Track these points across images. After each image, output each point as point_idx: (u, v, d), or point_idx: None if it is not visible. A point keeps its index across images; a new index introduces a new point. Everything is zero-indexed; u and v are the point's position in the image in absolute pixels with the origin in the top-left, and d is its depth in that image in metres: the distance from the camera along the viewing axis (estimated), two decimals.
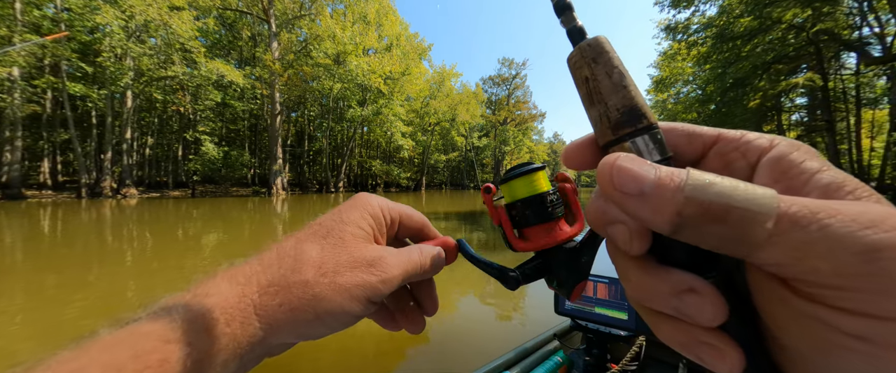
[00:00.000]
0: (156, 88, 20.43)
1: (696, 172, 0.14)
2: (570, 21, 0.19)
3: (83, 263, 4.31)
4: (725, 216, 0.12)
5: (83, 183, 17.94)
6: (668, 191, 0.13)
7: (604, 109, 0.18)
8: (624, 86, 0.18)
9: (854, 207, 0.11)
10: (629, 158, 0.15)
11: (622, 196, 0.15)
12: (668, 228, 0.14)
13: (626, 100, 0.17)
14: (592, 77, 0.18)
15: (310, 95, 27.84)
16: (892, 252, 0.10)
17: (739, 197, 0.12)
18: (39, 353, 0.16)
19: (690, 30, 20.78)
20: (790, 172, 0.15)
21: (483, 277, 4.11)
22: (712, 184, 0.13)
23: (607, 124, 0.18)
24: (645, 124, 0.17)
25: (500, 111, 55.85)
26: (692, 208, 0.13)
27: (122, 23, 16.65)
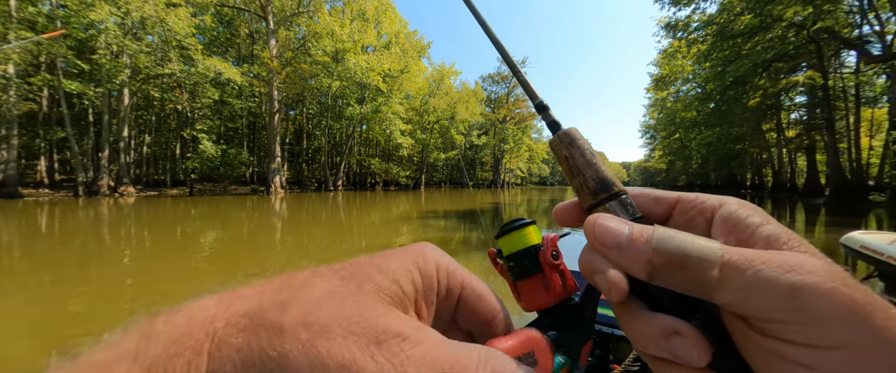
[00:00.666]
0: (153, 86, 20.29)
1: (660, 228, 0.18)
2: (549, 117, 0.25)
3: (80, 263, 4.27)
4: (684, 264, 0.16)
5: (80, 181, 17.84)
6: (639, 244, 0.18)
7: (582, 180, 0.23)
8: (594, 163, 0.23)
9: (781, 255, 0.15)
10: (608, 217, 0.20)
11: (605, 248, 0.19)
12: (645, 274, 0.18)
13: (598, 173, 0.22)
14: (570, 156, 0.23)
15: (308, 93, 27.70)
16: (809, 290, 0.14)
17: (692, 249, 0.17)
18: (36, 352, 0.14)
19: (691, 28, 20.71)
20: (738, 227, 0.18)
21: (484, 273, 4.08)
22: (673, 238, 0.17)
23: (587, 191, 0.22)
24: (616, 191, 0.22)
25: (500, 109, 55.75)
26: (659, 258, 0.17)
27: (118, 19, 16.50)
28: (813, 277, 0.14)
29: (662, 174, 66.82)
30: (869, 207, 14.28)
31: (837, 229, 7.78)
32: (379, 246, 5.65)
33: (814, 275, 0.14)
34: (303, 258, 4.78)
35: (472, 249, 5.55)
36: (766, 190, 33.00)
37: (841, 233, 7.30)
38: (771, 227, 0.18)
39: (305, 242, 6.13)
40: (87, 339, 0.14)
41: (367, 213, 11.48)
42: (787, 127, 27.52)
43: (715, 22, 19.01)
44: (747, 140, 27.81)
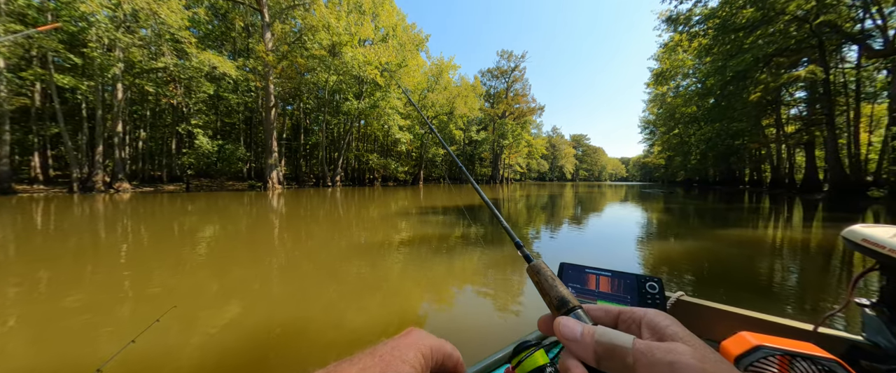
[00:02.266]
0: (147, 81, 19.98)
1: (601, 327, 0.28)
2: (524, 252, 0.38)
3: (76, 259, 4.17)
4: (613, 352, 0.25)
5: (75, 177, 17.65)
6: (587, 337, 0.27)
7: (549, 299, 0.33)
8: (555, 286, 0.33)
9: (667, 344, 0.24)
10: (567, 319, 0.30)
11: (567, 341, 0.28)
12: (593, 361, 0.26)
13: (559, 294, 0.33)
14: (539, 282, 0.35)
15: (305, 88, 27.38)
16: (679, 365, 0.22)
17: (617, 340, 0.25)
18: (32, 351, 0.15)
19: (692, 21, 20.47)
20: (656, 329, 0.27)
21: (482, 270, 4.04)
22: (606, 333, 0.26)
23: (553, 305, 0.33)
24: (571, 306, 0.31)
25: (499, 104, 55.42)
26: (600, 348, 0.26)
27: (109, 12, 16.15)
28: (683, 356, 0.23)
29: (661, 170, 66.86)
30: (867, 203, 14.29)
31: (835, 224, 7.76)
32: (378, 243, 5.56)
33: (683, 355, 0.23)
34: (301, 256, 4.69)
35: (470, 245, 5.48)
36: (765, 186, 33.04)
37: (839, 228, 7.28)
38: (675, 328, 0.26)
39: (303, 237, 6.04)
40: (84, 337, 0.15)
41: (366, 208, 11.39)
42: (787, 122, 27.44)
43: (717, 15, 18.79)
44: (747, 136, 27.75)
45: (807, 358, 0.82)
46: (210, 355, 2.12)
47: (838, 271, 4.09)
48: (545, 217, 9.79)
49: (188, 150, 22.61)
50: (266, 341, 2.33)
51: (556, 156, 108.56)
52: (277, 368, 2.00)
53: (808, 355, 0.82)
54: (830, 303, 2.96)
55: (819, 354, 0.82)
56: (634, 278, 1.24)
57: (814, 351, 0.84)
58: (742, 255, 4.78)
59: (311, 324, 2.60)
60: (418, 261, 4.40)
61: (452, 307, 3.02)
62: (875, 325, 1.19)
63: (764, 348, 0.86)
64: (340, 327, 2.54)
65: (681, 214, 10.66)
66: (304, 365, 2.03)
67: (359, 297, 3.19)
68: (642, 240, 6.23)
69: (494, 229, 7.16)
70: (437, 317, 2.81)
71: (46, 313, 2.71)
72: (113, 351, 1.39)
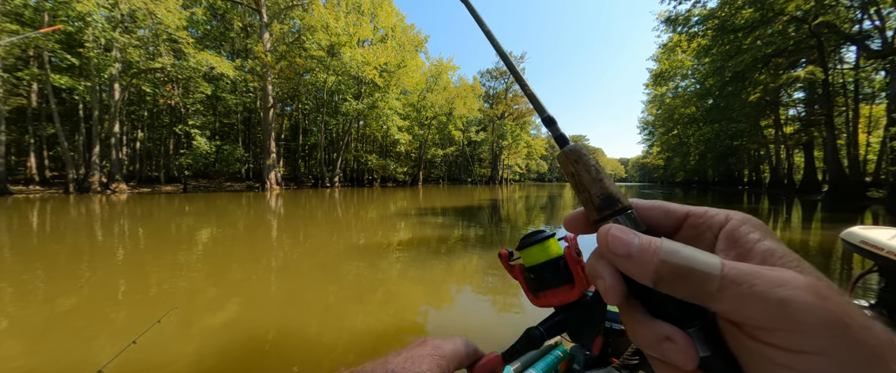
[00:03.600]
0: (144, 81, 19.89)
1: (667, 241, 0.20)
2: (556, 131, 0.26)
3: (74, 261, 4.11)
4: (687, 276, 0.18)
5: (71, 178, 17.54)
6: (647, 254, 0.20)
7: (588, 196, 0.24)
8: (600, 179, 0.24)
9: (773, 271, 0.17)
10: (619, 228, 0.21)
11: (615, 257, 0.21)
12: (651, 281, 0.20)
13: (604, 189, 0.23)
14: (576, 172, 0.24)
15: (304, 88, 27.33)
16: (795, 303, 0.16)
17: (696, 262, 0.18)
18: (33, 352, 0.14)
19: (691, 22, 20.51)
20: (740, 242, 0.20)
21: (482, 270, 3.99)
22: (679, 251, 0.19)
23: (593, 207, 0.24)
24: (621, 207, 0.23)
25: (498, 105, 55.46)
26: (665, 269, 0.19)
27: (105, 12, 16.07)
28: (798, 292, 0.16)
29: (660, 170, 66.98)
30: (867, 204, 14.30)
31: (834, 225, 7.74)
32: (377, 244, 5.51)
33: (799, 290, 0.16)
34: (300, 258, 4.64)
35: (470, 247, 5.43)
36: (764, 186, 33.09)
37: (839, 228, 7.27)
38: (768, 243, 0.20)
39: (302, 238, 5.98)
40: (85, 338, 0.15)
41: (365, 209, 11.33)
42: (785, 123, 27.51)
43: (716, 16, 18.84)
44: (746, 136, 27.80)
45: None
46: (210, 356, 2.11)
47: (837, 273, 4.06)
48: (545, 217, 9.75)
49: (186, 150, 22.53)
50: (265, 341, 2.31)
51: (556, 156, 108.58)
52: (277, 368, 1.99)
53: None
54: None
55: None
56: None
57: None
58: None
59: (311, 325, 2.56)
60: (418, 262, 4.35)
61: (452, 307, 2.98)
62: None
63: None
64: (340, 328, 2.50)
65: None
66: (304, 366, 2.01)
67: (358, 297, 3.15)
68: None
69: (494, 230, 7.12)
70: (436, 317, 2.77)
71: (46, 315, 2.68)
72: (114, 352, 1.37)
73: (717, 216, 0.22)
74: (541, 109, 0.27)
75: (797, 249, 2.66)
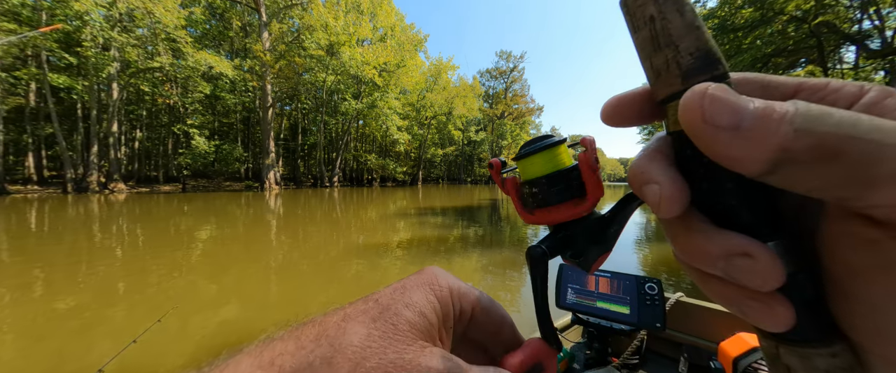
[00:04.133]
0: (143, 80, 19.84)
1: (804, 103, 0.12)
2: None
3: (73, 261, 4.08)
4: (844, 150, 0.11)
5: (69, 178, 17.49)
6: (772, 122, 0.12)
7: (674, 54, 0.15)
8: (697, 26, 0.15)
9: None
10: (723, 88, 0.13)
11: (713, 130, 0.12)
12: (762, 167, 0.12)
13: (701, 42, 0.14)
14: (660, 15, 0.15)
15: (303, 88, 27.29)
16: None
17: (865, 128, 0.11)
18: (34, 351, 0.14)
19: None
20: (889, 118, 0.12)
21: (482, 269, 3.97)
22: (830, 114, 0.11)
23: (677, 71, 0.15)
24: (721, 71, 0.14)
25: (498, 105, 55.46)
26: (803, 142, 0.11)
27: (103, 11, 16.02)
28: None
29: None
30: None
31: None
32: (376, 243, 5.49)
33: None
34: (299, 258, 4.62)
35: (469, 246, 5.41)
36: None
37: None
38: None
39: (301, 238, 5.95)
40: (85, 338, 0.14)
41: (364, 209, 11.31)
42: None
43: (716, 15, 18.85)
44: None
45: None
46: (209, 355, 2.09)
47: None
48: None
49: (185, 150, 22.48)
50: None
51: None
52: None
53: None
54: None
55: None
56: (634, 280, 1.20)
57: None
58: None
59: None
60: (417, 261, 4.33)
61: None
62: None
63: None
64: None
65: None
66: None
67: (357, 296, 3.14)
68: (641, 241, 6.18)
69: (493, 230, 7.10)
70: None
71: (46, 314, 2.67)
72: (113, 351, 1.37)
73: (846, 87, 0.14)
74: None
75: None
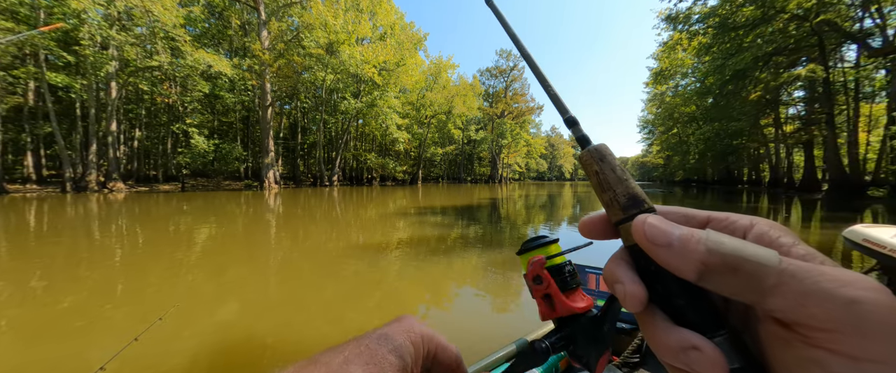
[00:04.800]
0: (141, 79, 19.77)
1: (713, 231, 0.18)
2: (579, 132, 0.25)
3: (70, 260, 4.05)
4: (740, 268, 0.16)
5: (68, 177, 17.44)
6: (692, 243, 0.18)
7: (613, 195, 0.23)
8: (625, 179, 0.23)
9: (837, 271, 0.15)
10: (658, 217, 0.20)
11: (654, 247, 0.19)
12: (694, 275, 0.17)
13: (629, 189, 0.23)
14: (600, 170, 0.23)
15: (303, 87, 27.22)
16: (866, 304, 0.14)
17: (750, 253, 0.16)
18: (36, 349, 0.15)
19: (692, 20, 20.42)
20: (772, 246, 0.18)
21: (480, 270, 3.94)
22: (724, 242, 0.17)
23: (618, 206, 0.22)
24: (646, 207, 0.22)
25: (498, 104, 55.35)
26: (714, 259, 0.17)
27: (101, 9, 15.95)
28: (870, 293, 0.14)
29: (660, 169, 67.02)
30: (867, 203, 14.27)
31: (834, 224, 7.70)
32: (376, 243, 5.45)
33: (870, 291, 0.14)
34: (299, 256, 4.58)
35: (469, 246, 5.38)
36: (763, 185, 33.10)
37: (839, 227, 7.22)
38: (803, 247, 0.18)
39: (300, 237, 5.92)
40: (87, 336, 0.14)
41: (364, 208, 11.27)
42: (785, 122, 27.47)
43: (717, 14, 18.76)
44: (745, 135, 27.76)
45: None
46: (210, 353, 2.11)
47: None
48: (544, 216, 9.70)
49: (184, 149, 22.43)
50: (264, 339, 2.30)
51: (555, 155, 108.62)
52: (276, 364, 1.97)
53: None
54: None
55: None
56: None
57: None
58: None
59: (309, 324, 2.54)
60: (417, 261, 4.30)
61: (451, 307, 2.95)
62: None
63: None
64: (338, 327, 2.48)
65: None
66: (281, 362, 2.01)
67: (357, 296, 3.12)
68: None
69: (493, 231, 7.06)
70: (436, 316, 2.75)
71: (48, 313, 2.67)
72: (114, 349, 1.35)
73: (741, 221, 0.21)
74: (563, 110, 0.27)
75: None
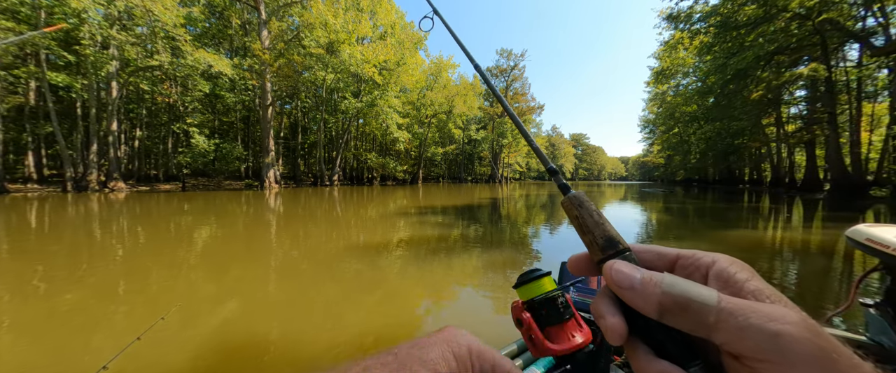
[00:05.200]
0: (142, 78, 19.77)
1: (668, 275, 0.22)
2: (559, 180, 0.29)
3: (71, 259, 4.04)
4: (688, 307, 0.20)
5: (68, 177, 17.46)
6: (650, 286, 0.22)
7: (592, 237, 0.26)
8: (602, 223, 0.26)
9: (766, 306, 0.19)
10: (623, 263, 0.24)
11: (620, 290, 0.23)
12: (655, 313, 0.21)
13: (606, 232, 0.26)
14: (580, 216, 0.27)
15: (303, 86, 27.21)
16: (786, 337, 0.17)
17: (694, 294, 0.20)
18: (38, 348, 0.14)
19: (693, 19, 20.33)
20: (729, 282, 0.22)
21: (482, 268, 3.92)
22: (678, 283, 0.21)
23: (597, 247, 0.26)
24: (621, 248, 0.25)
25: (498, 103, 55.16)
26: (668, 300, 0.21)
27: (101, 9, 15.95)
28: (791, 326, 0.17)
29: (661, 169, 66.89)
30: (870, 202, 14.21)
31: (837, 224, 7.67)
32: (376, 243, 5.44)
33: (791, 324, 0.17)
34: (300, 256, 4.57)
35: (469, 245, 5.36)
36: (765, 185, 32.99)
37: (841, 227, 7.19)
38: (756, 282, 0.21)
39: (301, 237, 5.91)
40: (89, 335, 0.14)
41: (364, 208, 11.26)
42: (787, 121, 27.37)
43: (718, 13, 18.67)
44: (747, 135, 27.68)
45: None
46: (212, 352, 2.11)
47: (841, 271, 3.99)
48: (545, 216, 9.68)
49: (184, 149, 22.44)
50: (267, 337, 2.30)
51: (556, 155, 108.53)
52: (278, 365, 1.99)
53: None
54: (833, 303, 2.87)
55: None
56: None
57: None
58: (742, 253, 4.67)
59: (310, 323, 2.54)
60: (417, 260, 4.28)
61: (452, 306, 2.93)
62: (879, 325, 1.18)
63: None
64: (339, 326, 2.47)
65: (681, 214, 10.56)
66: (304, 363, 2.01)
67: (357, 296, 3.10)
68: (643, 240, 6.13)
69: (493, 231, 7.05)
70: (436, 315, 2.72)
71: (49, 312, 2.67)
72: (116, 349, 1.35)
73: (705, 258, 0.24)
74: (545, 161, 0.30)
75: (798, 248, 2.57)
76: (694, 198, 18.60)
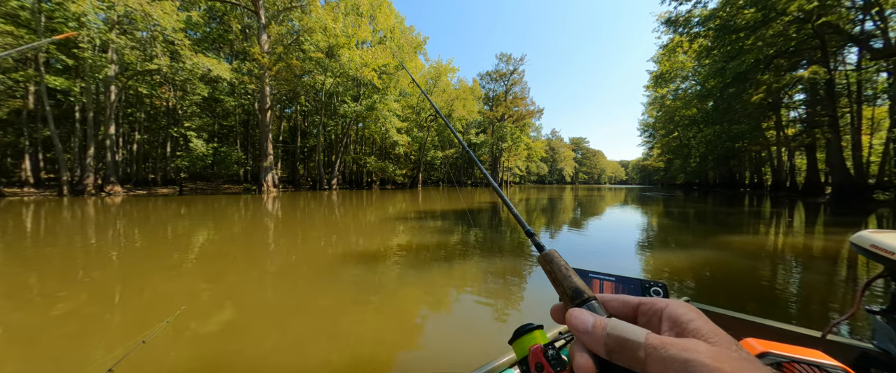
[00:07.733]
0: (140, 82, 19.77)
1: (613, 319, 0.27)
2: (535, 241, 0.36)
3: (68, 264, 3.93)
4: (624, 345, 0.24)
5: (65, 180, 17.37)
6: (598, 330, 0.26)
7: (563, 289, 0.31)
8: (569, 276, 0.32)
9: (684, 340, 0.22)
10: (579, 311, 0.29)
11: (578, 333, 0.27)
12: (604, 353, 0.25)
13: (573, 284, 0.31)
14: (552, 271, 0.33)
15: (302, 90, 27.24)
16: (695, 363, 0.20)
17: (628, 334, 0.24)
18: (43, 352, 0.15)
19: (692, 23, 20.38)
20: (678, 322, 0.25)
21: (483, 275, 3.83)
22: (618, 326, 0.25)
23: (567, 297, 0.31)
24: (586, 297, 0.30)
25: (498, 107, 55.40)
26: (612, 340, 0.25)
27: (101, 13, 15.99)
28: (698, 355, 0.21)
29: (661, 173, 66.86)
30: (873, 206, 14.10)
31: (840, 229, 7.56)
32: (375, 248, 5.33)
33: (699, 354, 0.21)
34: (297, 260, 4.46)
35: (469, 250, 5.25)
36: (765, 188, 32.92)
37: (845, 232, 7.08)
38: (698, 323, 0.24)
39: (299, 242, 5.80)
40: (95, 339, 0.15)
41: (363, 212, 11.16)
42: (787, 125, 27.36)
43: (717, 16, 18.71)
44: (747, 138, 27.65)
45: (814, 365, 0.81)
46: (216, 355, 2.11)
47: (846, 277, 3.88)
48: (545, 220, 9.57)
49: (182, 152, 22.38)
50: (269, 339, 2.30)
51: (556, 159, 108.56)
52: (280, 367, 1.99)
53: (815, 363, 0.82)
54: (838, 310, 2.79)
55: (827, 361, 0.82)
56: (638, 283, 1.08)
57: (822, 358, 0.83)
58: (744, 258, 4.56)
59: (309, 329, 2.51)
60: (416, 266, 4.18)
61: (451, 312, 2.86)
62: (885, 332, 1.17)
63: (770, 355, 0.85)
64: (338, 331, 2.43)
65: (681, 218, 10.45)
66: (306, 365, 2.01)
67: (356, 302, 3.04)
68: (643, 244, 6.02)
69: (494, 232, 6.94)
70: (435, 321, 2.67)
71: (54, 317, 2.66)
72: (123, 352, 1.27)
73: (659, 303, 0.28)
74: (523, 225, 0.37)
75: (801, 254, 2.44)
76: (694, 202, 18.49)
